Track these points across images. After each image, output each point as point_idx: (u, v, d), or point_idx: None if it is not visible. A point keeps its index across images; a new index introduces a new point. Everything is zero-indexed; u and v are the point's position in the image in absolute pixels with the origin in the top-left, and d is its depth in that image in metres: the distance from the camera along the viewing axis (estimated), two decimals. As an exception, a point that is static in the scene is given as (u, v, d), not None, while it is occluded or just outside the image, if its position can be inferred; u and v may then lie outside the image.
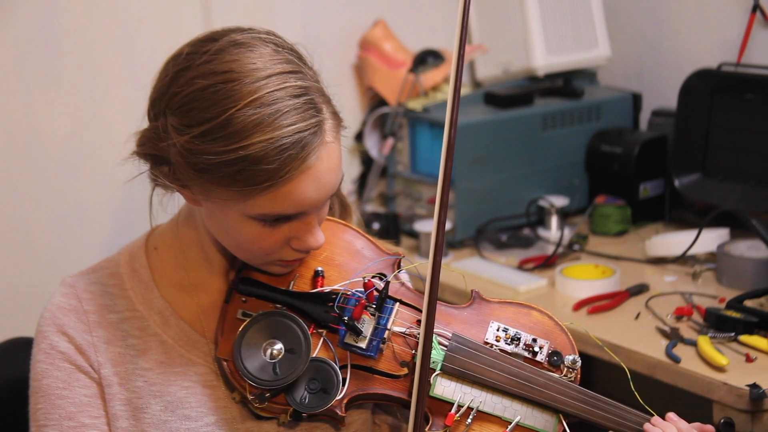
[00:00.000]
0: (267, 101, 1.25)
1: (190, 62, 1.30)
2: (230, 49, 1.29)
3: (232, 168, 1.25)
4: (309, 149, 1.26)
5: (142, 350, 1.41)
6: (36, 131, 2.16)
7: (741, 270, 2.17)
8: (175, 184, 1.33)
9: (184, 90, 1.28)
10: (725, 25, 2.57)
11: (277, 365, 1.33)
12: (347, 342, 1.37)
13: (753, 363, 1.84)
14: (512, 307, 1.45)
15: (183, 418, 1.39)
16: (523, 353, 1.41)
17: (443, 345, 1.39)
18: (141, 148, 1.35)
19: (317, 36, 2.62)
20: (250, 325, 1.35)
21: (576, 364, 1.41)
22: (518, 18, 2.70)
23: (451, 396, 1.37)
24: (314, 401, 1.34)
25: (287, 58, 1.31)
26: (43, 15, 2.13)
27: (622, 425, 1.38)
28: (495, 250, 2.48)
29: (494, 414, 1.37)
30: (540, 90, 2.71)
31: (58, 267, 2.18)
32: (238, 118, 1.24)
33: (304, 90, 1.29)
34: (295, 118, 1.26)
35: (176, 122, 1.29)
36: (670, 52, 2.74)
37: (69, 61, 2.18)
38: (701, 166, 2.45)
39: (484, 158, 2.51)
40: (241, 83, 1.25)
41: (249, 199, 1.27)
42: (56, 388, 1.39)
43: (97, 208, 2.25)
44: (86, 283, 1.44)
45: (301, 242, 1.33)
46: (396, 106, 2.62)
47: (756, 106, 2.34)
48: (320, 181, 1.29)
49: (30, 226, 2.18)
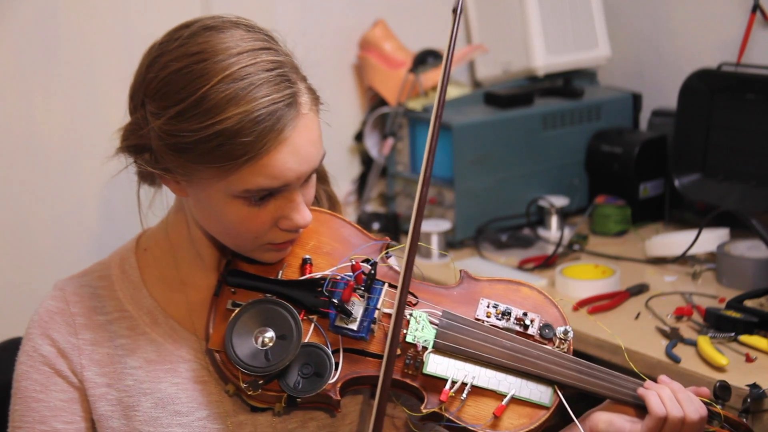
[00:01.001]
0: (239, 76, 1.27)
1: (163, 49, 1.32)
2: (202, 33, 1.31)
3: (210, 144, 1.26)
4: (285, 120, 1.27)
5: (132, 349, 1.42)
6: (35, 131, 2.16)
7: (741, 270, 2.17)
8: (157, 170, 1.34)
9: (159, 75, 1.30)
10: (725, 25, 2.57)
11: (268, 352, 1.34)
12: (338, 325, 1.37)
13: (753, 363, 1.84)
14: (501, 284, 1.46)
15: (174, 414, 1.40)
16: (514, 327, 1.42)
17: (434, 323, 1.39)
18: (124, 143, 1.37)
19: (317, 36, 2.63)
20: (240, 314, 1.36)
21: (568, 335, 1.41)
22: (518, 18, 2.70)
23: (444, 373, 1.37)
24: (308, 385, 1.34)
25: (258, 36, 1.33)
26: (43, 15, 2.13)
27: (618, 392, 1.39)
28: (495, 250, 2.48)
29: (489, 388, 1.37)
30: (540, 90, 2.71)
31: (56, 267, 2.18)
32: (212, 95, 1.26)
33: (276, 64, 1.30)
34: (268, 89, 1.27)
35: (153, 107, 1.31)
36: (670, 52, 2.74)
37: (69, 61, 2.18)
38: (701, 166, 2.45)
39: (484, 158, 2.51)
40: (212, 61, 1.27)
41: (230, 175, 1.28)
42: (33, 391, 1.41)
43: (97, 209, 2.25)
44: (76, 286, 1.46)
45: (288, 221, 1.34)
46: (396, 106, 2.62)
47: (756, 106, 2.34)
48: (299, 152, 1.29)
49: (29, 226, 2.18)
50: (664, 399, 1.36)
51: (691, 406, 1.36)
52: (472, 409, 1.36)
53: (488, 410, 1.36)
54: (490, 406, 1.36)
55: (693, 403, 1.37)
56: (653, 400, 1.35)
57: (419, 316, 1.39)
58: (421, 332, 1.38)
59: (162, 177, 1.36)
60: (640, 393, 1.37)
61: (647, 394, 1.37)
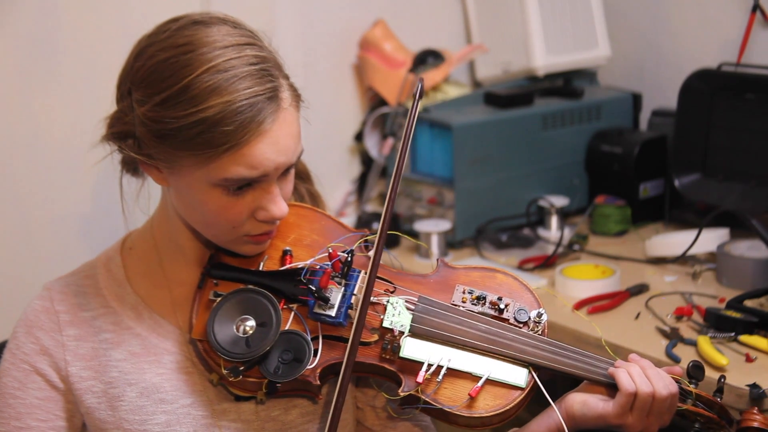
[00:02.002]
0: (224, 68, 1.31)
1: (152, 40, 1.37)
2: (190, 26, 1.36)
3: (192, 131, 1.30)
4: (265, 113, 1.31)
5: (116, 343, 1.45)
6: (35, 131, 2.16)
7: (741, 270, 2.17)
8: (140, 156, 1.37)
9: (146, 64, 1.34)
10: (725, 25, 2.57)
11: (249, 339, 1.37)
12: (317, 312, 1.41)
13: (753, 363, 1.84)
14: (477, 271, 1.49)
15: (159, 402, 1.43)
16: (489, 311, 1.44)
17: (411, 308, 1.42)
18: (109, 130, 1.41)
19: (317, 36, 2.63)
20: (221, 303, 1.39)
21: (541, 317, 1.44)
22: (518, 18, 2.70)
23: (420, 356, 1.39)
24: (287, 370, 1.37)
25: (244, 33, 1.37)
26: (43, 15, 2.13)
27: (590, 371, 1.41)
28: (495, 250, 2.48)
29: (464, 370, 1.39)
30: (540, 90, 2.71)
31: (56, 268, 2.17)
32: (196, 84, 1.30)
33: (260, 59, 1.34)
34: (250, 82, 1.31)
35: (139, 95, 1.35)
36: (670, 52, 2.74)
37: (69, 61, 2.18)
38: (701, 166, 2.45)
39: (484, 158, 2.51)
40: (198, 53, 1.32)
41: (210, 163, 1.31)
42: (12, 388, 1.45)
43: (97, 210, 2.25)
44: (62, 285, 1.50)
45: (265, 212, 1.37)
46: (396, 106, 2.62)
47: (756, 106, 2.34)
48: (278, 144, 1.33)
49: (28, 227, 2.18)
50: (634, 376, 1.38)
51: (660, 382, 1.38)
52: (449, 391, 1.38)
53: (464, 392, 1.38)
54: (466, 387, 1.38)
55: (662, 379, 1.39)
56: (623, 377, 1.38)
57: (396, 302, 1.42)
58: (398, 317, 1.41)
59: (144, 164, 1.39)
60: (611, 371, 1.40)
61: (617, 372, 1.39)
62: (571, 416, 1.40)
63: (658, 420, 1.39)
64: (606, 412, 1.38)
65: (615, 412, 1.37)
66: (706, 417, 1.44)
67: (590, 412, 1.39)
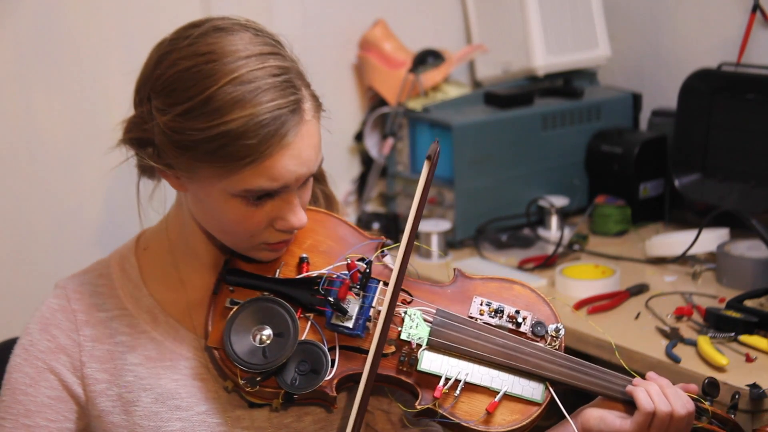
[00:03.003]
0: (247, 79, 1.29)
1: (173, 47, 1.34)
2: (212, 33, 1.33)
3: (214, 144, 1.28)
4: (288, 126, 1.30)
5: (132, 347, 1.44)
6: (35, 132, 2.16)
7: (741, 270, 2.17)
8: (159, 164, 1.36)
9: (167, 72, 1.32)
10: (725, 25, 2.57)
11: (266, 349, 1.35)
12: (334, 322, 1.39)
13: (753, 363, 1.84)
14: (494, 282, 1.47)
15: (174, 409, 1.41)
16: (507, 325, 1.43)
17: (428, 321, 1.40)
18: (127, 135, 1.39)
19: (317, 36, 2.63)
20: (238, 312, 1.37)
21: (559, 332, 1.43)
22: (518, 18, 2.70)
23: (438, 370, 1.38)
24: (304, 382, 1.35)
25: (267, 41, 1.35)
26: (43, 15, 2.13)
27: (608, 388, 1.41)
28: (495, 250, 2.48)
29: (482, 385, 1.39)
30: (540, 90, 2.71)
31: (56, 268, 2.18)
32: (219, 96, 1.28)
33: (283, 70, 1.32)
34: (274, 95, 1.29)
35: (160, 103, 1.32)
36: (670, 52, 2.74)
37: (69, 61, 2.18)
38: (701, 166, 2.45)
39: (484, 158, 2.51)
40: (221, 63, 1.29)
41: (231, 175, 1.30)
42: (23, 384, 1.42)
43: (96, 209, 2.25)
44: (76, 284, 1.47)
45: (284, 222, 1.36)
46: (396, 106, 2.62)
47: (756, 106, 2.34)
48: (300, 156, 1.32)
49: (29, 226, 2.18)
50: (652, 395, 1.38)
51: (678, 402, 1.38)
52: (466, 405, 1.38)
53: (481, 406, 1.37)
54: (483, 402, 1.37)
55: (680, 398, 1.39)
56: (641, 396, 1.37)
57: (413, 314, 1.40)
58: (415, 330, 1.39)
59: (163, 172, 1.38)
60: (629, 390, 1.39)
61: (635, 391, 1.38)
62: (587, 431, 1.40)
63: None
64: (623, 429, 1.37)
65: (632, 429, 1.37)
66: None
67: (607, 429, 1.38)
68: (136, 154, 1.39)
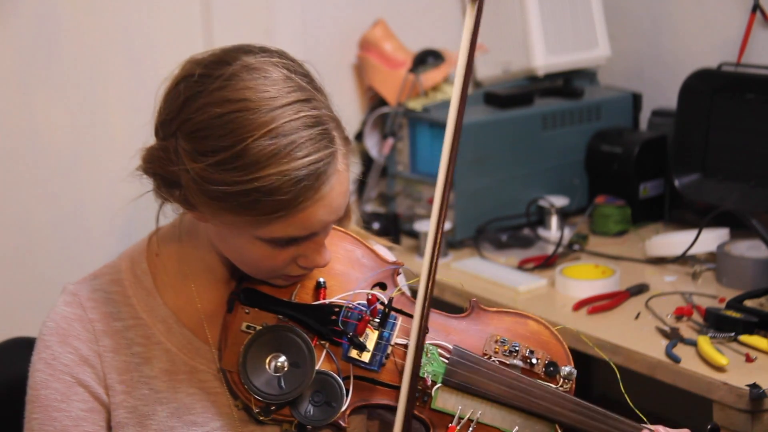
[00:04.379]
0: (282, 132, 1.25)
1: (202, 87, 1.28)
2: (243, 75, 1.28)
3: (247, 198, 1.25)
4: (323, 179, 1.27)
5: (147, 358, 1.41)
6: (36, 132, 2.16)
7: (741, 270, 2.17)
8: (185, 206, 1.33)
9: (196, 116, 1.27)
10: (725, 25, 2.57)
11: (282, 379, 1.34)
12: (350, 356, 1.38)
13: (753, 363, 1.84)
14: (509, 317, 1.47)
15: (190, 424, 1.40)
16: (520, 365, 1.43)
17: (444, 358, 1.40)
18: (149, 166, 1.34)
19: (317, 36, 2.63)
20: (254, 339, 1.36)
21: (572, 375, 1.43)
22: (518, 18, 2.70)
23: (452, 408, 1.39)
24: (319, 414, 1.35)
25: (299, 84, 1.31)
26: (43, 15, 2.13)
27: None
28: (495, 250, 2.48)
29: (493, 425, 1.39)
30: (540, 90, 2.71)
31: (58, 267, 2.18)
32: (254, 149, 1.24)
33: (317, 119, 1.29)
34: (310, 149, 1.26)
35: (189, 147, 1.28)
36: (670, 52, 2.74)
37: (69, 62, 2.18)
38: (701, 166, 2.45)
39: (484, 158, 2.51)
40: (256, 112, 1.25)
41: (261, 226, 1.28)
42: (54, 401, 1.38)
43: (98, 209, 2.25)
44: (89, 291, 1.43)
45: (309, 260, 1.35)
46: (396, 106, 2.62)
47: (756, 106, 2.34)
48: (332, 206, 1.30)
49: (30, 226, 2.18)
50: None
51: None
52: None
53: None
54: None
55: None
56: None
57: (429, 350, 1.40)
58: (430, 366, 1.39)
59: (188, 210, 1.35)
60: None
61: None
62: None
63: None
64: None
65: None
66: None
67: None
68: (159, 190, 1.35)
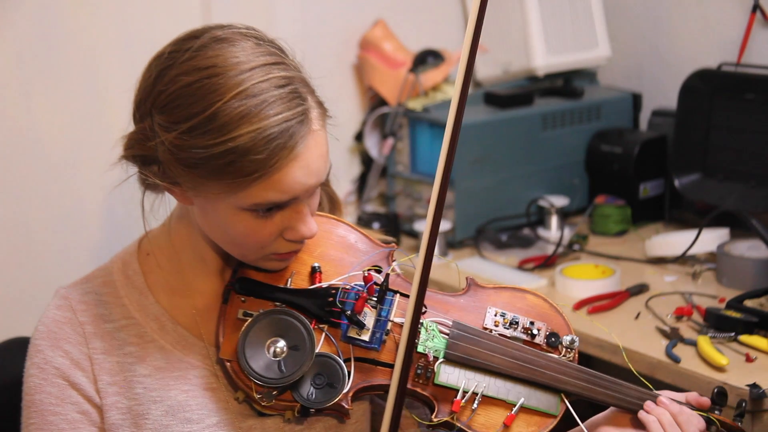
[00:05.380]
0: (252, 93, 1.26)
1: (172, 60, 1.31)
2: (212, 45, 1.30)
3: (221, 161, 1.26)
4: (296, 138, 1.28)
5: (140, 357, 1.41)
6: (35, 132, 2.16)
7: (741, 270, 2.17)
8: (165, 183, 1.33)
9: (168, 88, 1.29)
10: (725, 25, 2.57)
11: (282, 363, 1.34)
12: (350, 336, 1.38)
13: (753, 363, 1.84)
14: (507, 292, 1.47)
15: (185, 422, 1.39)
16: (521, 336, 1.43)
17: (445, 333, 1.40)
18: (129, 151, 1.36)
19: (317, 36, 2.63)
20: (252, 325, 1.35)
21: (574, 343, 1.43)
22: (518, 18, 2.70)
23: (455, 383, 1.38)
24: (321, 396, 1.34)
25: (269, 50, 1.32)
26: (43, 15, 2.13)
27: (623, 400, 1.41)
28: (495, 250, 2.48)
29: (498, 397, 1.39)
30: (540, 90, 2.71)
31: (56, 268, 2.18)
32: (225, 111, 1.25)
33: (288, 80, 1.30)
34: (280, 107, 1.27)
35: (163, 120, 1.29)
36: (670, 52, 2.74)
37: (69, 61, 2.18)
38: (701, 166, 2.45)
39: (484, 158, 2.51)
40: (225, 77, 1.27)
41: (240, 191, 1.28)
42: (49, 404, 1.39)
43: (97, 209, 2.25)
44: (80, 294, 1.44)
45: (294, 232, 1.34)
46: (396, 106, 2.62)
47: (756, 106, 2.34)
48: (309, 167, 1.30)
49: (29, 226, 2.17)
50: (665, 426, 1.38)
51: (691, 427, 1.38)
52: (483, 418, 1.38)
53: (498, 419, 1.37)
54: (500, 415, 1.38)
55: (692, 423, 1.39)
56: (654, 428, 1.38)
57: (429, 326, 1.40)
58: (431, 342, 1.39)
59: (168, 188, 1.35)
60: (641, 417, 1.39)
61: (648, 421, 1.39)
62: None
63: None
64: None
65: None
66: None
67: None
68: (140, 171, 1.37)
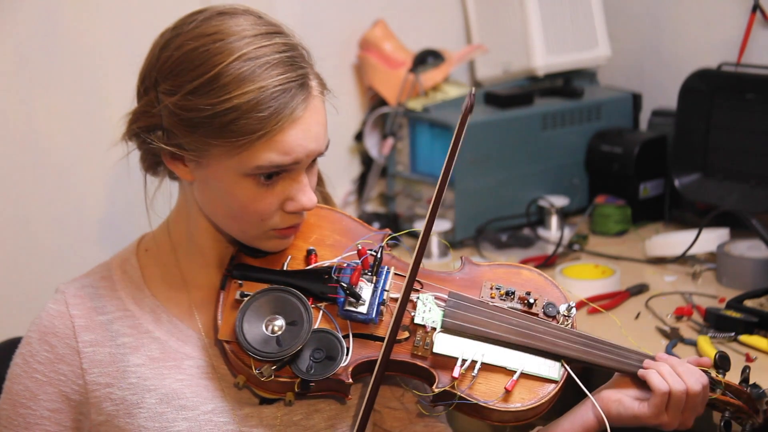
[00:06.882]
0: (254, 56, 1.32)
1: (178, 31, 1.36)
2: (216, 17, 1.36)
3: (225, 119, 1.30)
4: (297, 99, 1.32)
5: (134, 347, 1.43)
6: (36, 132, 2.16)
7: (741, 270, 2.17)
8: (168, 146, 1.35)
9: (174, 54, 1.34)
10: (725, 25, 2.57)
11: (280, 338, 1.35)
12: (347, 309, 1.39)
13: (753, 363, 1.84)
14: (502, 268, 1.50)
15: (179, 408, 1.41)
16: (518, 306, 1.44)
17: (441, 304, 1.42)
18: (133, 126, 1.39)
19: (317, 36, 2.62)
20: (250, 302, 1.37)
21: (571, 311, 1.44)
22: (518, 18, 2.70)
23: (454, 351, 1.39)
24: (320, 369, 1.35)
25: (270, 23, 1.39)
26: (43, 15, 2.13)
27: (623, 363, 1.42)
28: (495, 250, 2.48)
29: (498, 365, 1.39)
30: (540, 90, 2.71)
31: (57, 267, 2.18)
32: (228, 71, 1.30)
33: (289, 47, 1.35)
34: (282, 69, 1.32)
35: (168, 86, 1.34)
36: (670, 52, 2.74)
37: (69, 61, 2.18)
38: (701, 166, 2.45)
39: (484, 158, 2.51)
40: (228, 41, 1.32)
41: (243, 151, 1.31)
42: (22, 397, 1.43)
43: (97, 209, 2.25)
44: (77, 288, 1.47)
45: (295, 203, 1.37)
46: (396, 106, 2.62)
47: (756, 106, 2.34)
48: (310, 131, 1.34)
49: (29, 226, 2.17)
50: (665, 375, 1.39)
51: (692, 378, 1.39)
52: (483, 386, 1.38)
53: (499, 386, 1.38)
54: (501, 382, 1.38)
55: (693, 374, 1.40)
56: (655, 378, 1.39)
57: (426, 299, 1.41)
58: (428, 314, 1.40)
59: (170, 159, 1.37)
60: (641, 374, 1.40)
61: (648, 374, 1.39)
62: (607, 414, 1.40)
63: (693, 413, 1.41)
64: (642, 413, 1.39)
65: (651, 413, 1.38)
66: (735, 406, 1.46)
67: (626, 412, 1.40)
68: (143, 143, 1.39)
